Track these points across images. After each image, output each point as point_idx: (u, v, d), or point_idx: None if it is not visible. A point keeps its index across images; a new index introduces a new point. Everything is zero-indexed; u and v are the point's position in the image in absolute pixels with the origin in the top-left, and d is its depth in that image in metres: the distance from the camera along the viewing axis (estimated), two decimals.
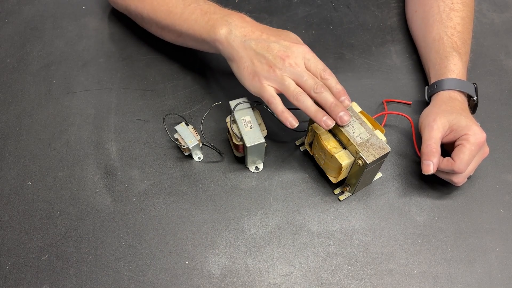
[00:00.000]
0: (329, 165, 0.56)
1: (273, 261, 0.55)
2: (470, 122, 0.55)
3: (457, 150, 0.54)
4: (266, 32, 0.55)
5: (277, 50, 0.53)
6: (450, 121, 0.56)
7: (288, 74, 0.52)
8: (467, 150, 0.53)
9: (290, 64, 0.52)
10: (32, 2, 0.81)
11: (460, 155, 0.53)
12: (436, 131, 0.55)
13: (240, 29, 0.55)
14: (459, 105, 0.59)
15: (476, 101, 0.62)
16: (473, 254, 0.55)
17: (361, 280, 0.54)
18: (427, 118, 0.58)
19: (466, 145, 0.54)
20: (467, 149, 0.53)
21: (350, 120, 0.53)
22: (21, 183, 0.61)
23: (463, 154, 0.53)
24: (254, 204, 0.59)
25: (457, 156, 0.53)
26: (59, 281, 0.53)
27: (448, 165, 0.54)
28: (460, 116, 0.56)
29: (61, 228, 0.57)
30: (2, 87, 0.70)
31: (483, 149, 0.56)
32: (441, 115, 0.57)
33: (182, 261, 0.55)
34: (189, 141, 0.59)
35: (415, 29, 0.72)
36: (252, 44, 0.54)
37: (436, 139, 0.55)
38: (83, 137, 0.64)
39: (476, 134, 0.54)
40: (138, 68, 0.72)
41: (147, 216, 0.58)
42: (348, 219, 0.58)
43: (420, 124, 0.59)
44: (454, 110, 0.57)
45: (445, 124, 0.56)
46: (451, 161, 0.54)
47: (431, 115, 0.57)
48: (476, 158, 0.55)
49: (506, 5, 0.81)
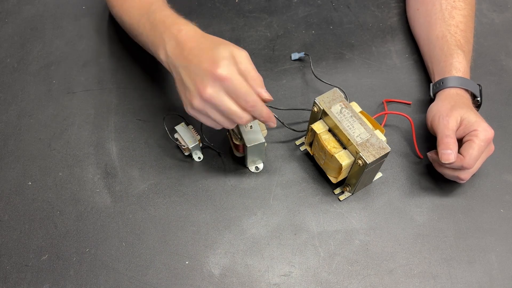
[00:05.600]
0: (329, 165, 0.56)
1: (273, 261, 0.55)
2: (479, 118, 0.56)
3: (466, 145, 0.54)
4: (193, 51, 0.49)
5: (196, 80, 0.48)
6: (461, 115, 0.56)
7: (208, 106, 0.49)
8: (476, 145, 0.53)
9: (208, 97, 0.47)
10: (32, 2, 0.81)
11: (470, 151, 0.53)
12: (453, 122, 0.56)
13: (172, 49, 0.51)
14: (467, 102, 0.60)
15: (480, 102, 0.62)
16: (473, 254, 0.55)
17: (361, 280, 0.54)
18: (439, 111, 0.58)
19: (475, 141, 0.54)
20: (477, 145, 0.53)
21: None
22: (21, 183, 0.61)
23: (472, 150, 0.53)
24: (254, 204, 0.59)
25: (467, 152, 0.54)
26: (59, 281, 0.53)
27: (458, 161, 0.54)
28: (470, 111, 0.56)
29: (61, 228, 0.57)
30: (2, 87, 0.70)
31: (490, 146, 0.56)
32: (454, 108, 0.57)
33: (182, 261, 0.55)
34: (189, 141, 0.59)
35: (417, 27, 0.72)
36: (180, 69, 0.50)
37: (453, 130, 0.55)
38: (83, 137, 0.64)
39: (485, 130, 0.54)
40: (138, 68, 0.72)
41: (147, 216, 0.58)
42: (348, 219, 0.58)
43: (432, 118, 0.59)
44: (464, 106, 0.58)
45: (457, 117, 0.56)
46: (460, 157, 0.54)
47: (443, 109, 0.58)
48: (483, 155, 0.55)
49: (506, 5, 0.81)
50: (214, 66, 0.46)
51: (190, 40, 0.50)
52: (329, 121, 0.55)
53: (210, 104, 0.48)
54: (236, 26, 0.76)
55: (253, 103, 0.47)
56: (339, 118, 0.54)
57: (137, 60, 0.73)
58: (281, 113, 0.64)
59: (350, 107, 0.55)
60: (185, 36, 0.50)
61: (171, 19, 0.54)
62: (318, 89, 0.69)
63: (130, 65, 0.72)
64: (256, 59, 0.51)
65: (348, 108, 0.55)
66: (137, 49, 0.74)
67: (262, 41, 0.75)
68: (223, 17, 0.78)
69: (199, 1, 0.79)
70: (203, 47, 0.49)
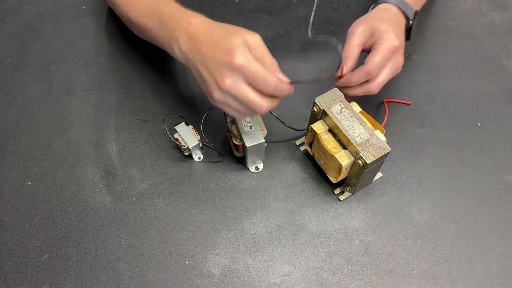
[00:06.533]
0: (329, 165, 0.56)
1: (273, 261, 0.55)
2: (390, 28, 0.56)
3: (370, 54, 0.56)
4: (207, 44, 0.49)
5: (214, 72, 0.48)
6: (371, 27, 0.57)
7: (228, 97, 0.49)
8: (378, 52, 0.54)
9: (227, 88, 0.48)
10: (32, 2, 0.81)
11: (371, 57, 0.54)
12: (356, 38, 0.56)
13: (185, 44, 0.51)
14: (389, 15, 0.59)
15: (410, 25, 0.62)
16: (473, 254, 0.55)
17: (361, 280, 0.54)
18: (352, 25, 0.59)
19: (378, 47, 0.55)
20: (379, 52, 0.54)
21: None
22: (21, 183, 0.61)
23: (374, 56, 0.54)
24: (254, 204, 0.59)
25: (369, 58, 0.55)
26: (59, 281, 0.53)
27: (361, 71, 0.55)
28: (382, 23, 0.57)
29: (61, 228, 0.57)
30: (2, 87, 0.70)
31: (396, 58, 0.57)
32: (364, 22, 0.58)
33: (182, 261, 0.55)
34: (189, 141, 0.59)
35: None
36: (196, 63, 0.50)
37: (353, 45, 0.56)
38: (83, 137, 0.64)
39: (390, 39, 0.55)
40: (138, 68, 0.72)
41: (147, 216, 0.58)
42: (348, 219, 0.58)
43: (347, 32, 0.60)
44: (380, 18, 0.58)
45: (366, 30, 0.57)
46: (363, 66, 0.55)
47: (356, 23, 0.58)
48: (389, 65, 0.56)
49: (506, 5, 0.81)
50: (229, 56, 0.46)
51: (202, 32, 0.50)
52: (329, 121, 0.55)
53: (229, 94, 0.48)
54: None
55: (274, 84, 0.47)
56: (339, 118, 0.54)
57: (137, 60, 0.73)
58: (281, 113, 0.64)
59: (350, 107, 0.55)
60: (196, 28, 0.51)
61: (179, 13, 0.54)
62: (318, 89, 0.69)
63: (130, 65, 0.72)
64: None
65: (348, 108, 0.55)
66: (137, 49, 0.74)
67: None
68: (223, 17, 0.78)
69: (199, 1, 0.79)
70: (216, 37, 0.49)
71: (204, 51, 0.49)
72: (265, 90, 0.48)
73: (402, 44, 0.57)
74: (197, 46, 0.50)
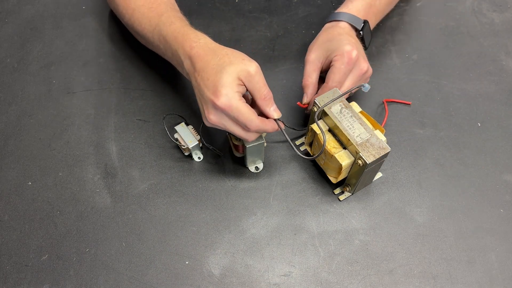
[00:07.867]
0: (329, 165, 0.56)
1: (273, 261, 0.55)
2: (343, 41, 0.58)
3: (328, 71, 0.58)
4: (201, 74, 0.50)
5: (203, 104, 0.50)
6: (324, 51, 0.59)
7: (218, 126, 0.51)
8: (336, 69, 0.57)
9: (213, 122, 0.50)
10: (32, 2, 0.81)
11: (330, 76, 0.57)
12: (310, 65, 0.60)
13: (188, 67, 0.53)
14: (338, 31, 0.61)
15: (361, 35, 0.64)
16: (473, 254, 0.55)
17: (361, 280, 0.54)
18: (307, 53, 0.61)
19: (335, 65, 0.57)
20: (336, 69, 0.57)
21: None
22: (21, 183, 0.61)
23: (333, 75, 0.57)
24: (254, 204, 0.59)
25: (328, 77, 0.58)
26: (59, 281, 0.53)
27: (324, 90, 0.57)
28: (332, 42, 0.59)
29: (61, 228, 0.57)
30: (2, 87, 0.70)
31: (359, 65, 0.58)
32: (316, 47, 0.60)
33: (182, 261, 0.55)
34: (189, 141, 0.59)
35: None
36: (194, 88, 0.53)
37: (309, 73, 0.59)
38: (83, 137, 0.64)
39: (343, 54, 0.57)
40: (138, 68, 0.72)
41: (147, 216, 0.58)
42: (348, 219, 0.58)
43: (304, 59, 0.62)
44: (329, 37, 0.60)
45: (319, 55, 0.59)
46: (324, 85, 0.57)
47: (309, 50, 0.61)
48: (352, 74, 0.58)
49: (506, 5, 0.81)
50: (214, 95, 0.48)
51: (200, 59, 0.51)
52: (329, 121, 0.55)
53: (217, 126, 0.51)
54: (236, 26, 0.76)
55: (255, 128, 0.50)
56: (339, 118, 0.54)
57: (137, 60, 0.73)
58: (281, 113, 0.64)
59: (350, 107, 0.55)
60: (196, 54, 0.51)
61: (182, 35, 0.54)
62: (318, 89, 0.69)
63: (130, 65, 0.72)
64: (256, 59, 0.51)
65: (348, 108, 0.55)
66: (137, 49, 0.74)
67: (262, 41, 0.75)
68: (223, 17, 0.78)
69: (199, 1, 0.79)
70: (210, 69, 0.49)
71: (198, 81, 0.50)
72: (248, 130, 0.50)
73: (361, 51, 0.59)
74: (194, 74, 0.51)
